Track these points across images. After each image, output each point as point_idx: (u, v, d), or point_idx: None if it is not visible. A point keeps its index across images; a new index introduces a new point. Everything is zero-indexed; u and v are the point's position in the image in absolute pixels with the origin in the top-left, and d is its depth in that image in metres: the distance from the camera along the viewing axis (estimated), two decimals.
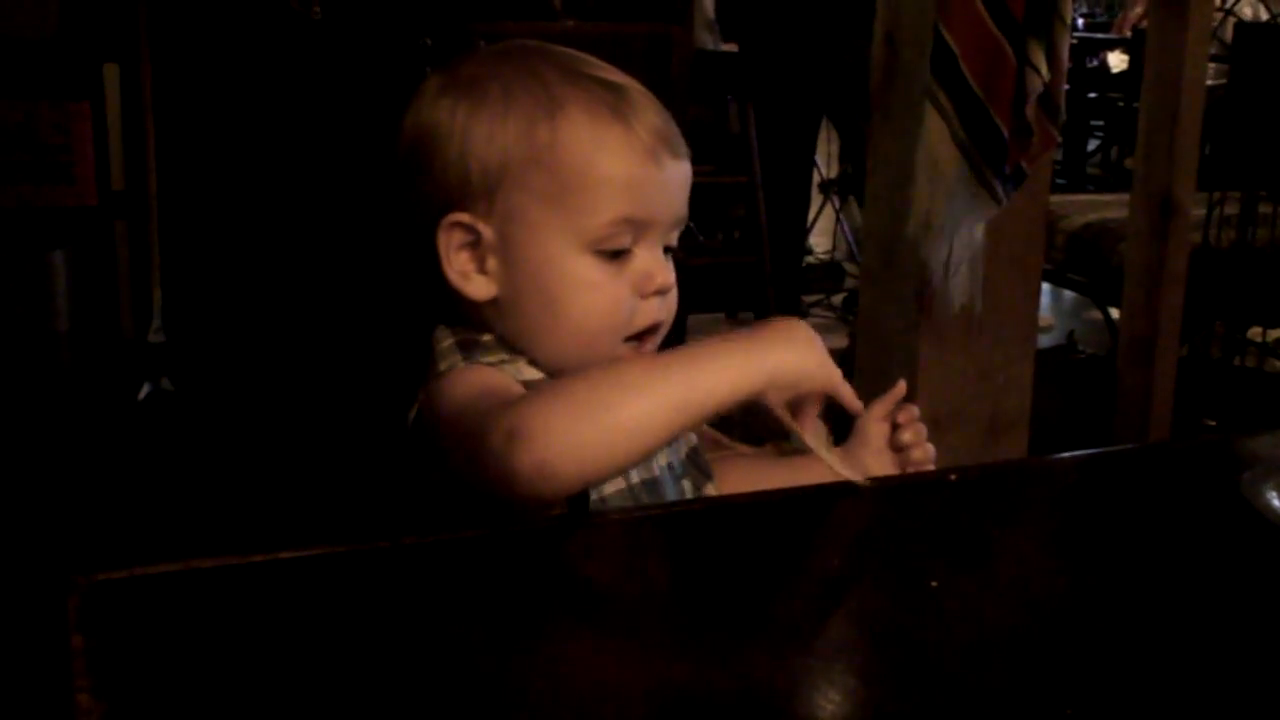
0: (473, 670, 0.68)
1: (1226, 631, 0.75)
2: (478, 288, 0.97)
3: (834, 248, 5.21)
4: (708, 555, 0.82)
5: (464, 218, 0.96)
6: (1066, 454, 1.06)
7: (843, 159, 5.21)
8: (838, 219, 5.12)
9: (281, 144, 3.53)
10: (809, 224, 4.80)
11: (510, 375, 0.94)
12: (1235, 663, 0.71)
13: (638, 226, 0.96)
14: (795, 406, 0.91)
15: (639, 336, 0.98)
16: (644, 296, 0.97)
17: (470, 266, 0.97)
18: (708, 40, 4.55)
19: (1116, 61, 6.53)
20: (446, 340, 0.98)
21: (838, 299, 4.65)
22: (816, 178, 4.85)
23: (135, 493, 2.84)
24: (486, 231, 0.96)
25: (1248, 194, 2.95)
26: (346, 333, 3.53)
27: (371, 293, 3.52)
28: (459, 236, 0.97)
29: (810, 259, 4.97)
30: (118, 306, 3.43)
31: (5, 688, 2.01)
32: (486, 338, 0.97)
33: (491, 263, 0.96)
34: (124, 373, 3.33)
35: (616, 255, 0.96)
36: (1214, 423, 2.93)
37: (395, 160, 1.01)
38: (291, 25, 3.47)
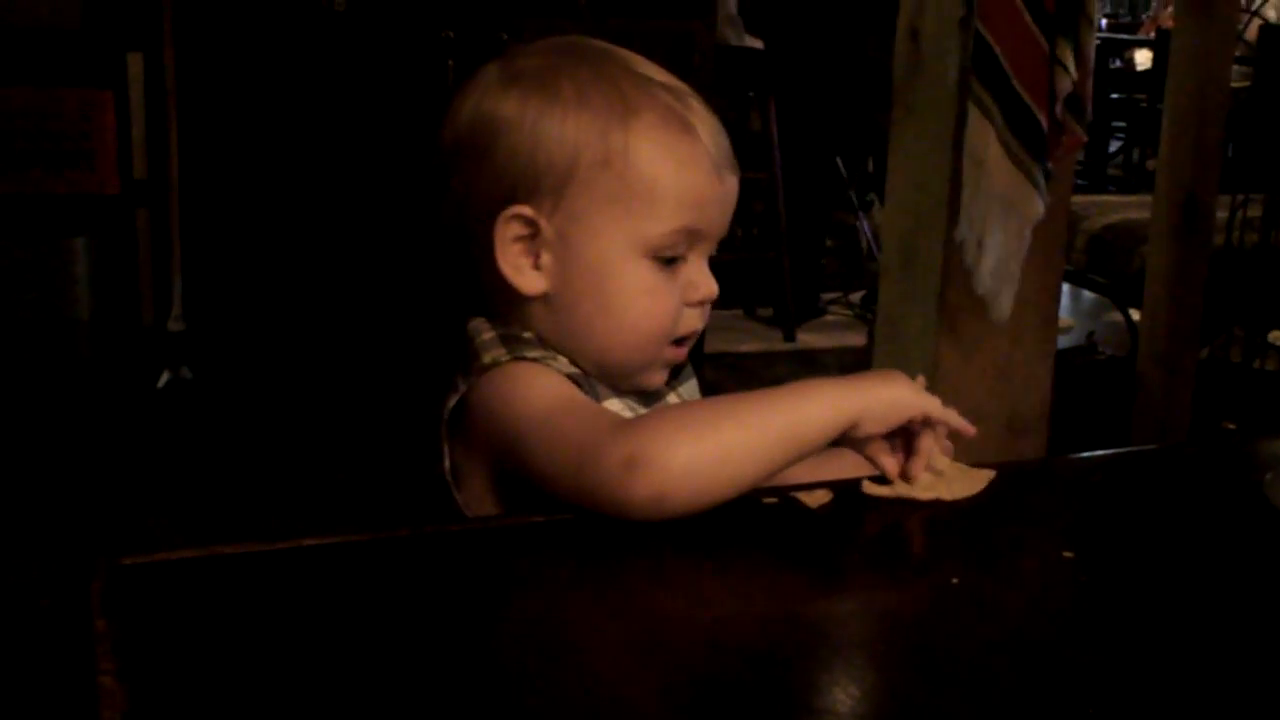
0: (492, 657, 0.68)
1: (1249, 631, 0.74)
2: (530, 282, 0.96)
3: None
4: (731, 549, 0.82)
5: (526, 211, 0.95)
6: (1088, 453, 1.06)
7: (864, 156, 5.19)
8: (858, 216, 5.11)
9: (304, 135, 3.55)
10: (829, 221, 4.79)
11: (569, 381, 0.94)
12: (1258, 662, 0.71)
13: (693, 237, 0.97)
14: (904, 444, 0.91)
15: (677, 342, 1.00)
16: (689, 305, 0.99)
17: (524, 260, 0.96)
18: (730, 36, 4.55)
19: (1143, 59, 6.50)
20: (488, 333, 0.97)
21: (856, 297, 4.64)
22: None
23: (155, 479, 2.85)
24: (546, 227, 0.95)
25: (1271, 196, 2.93)
26: (366, 322, 3.55)
27: (392, 282, 3.53)
28: (516, 229, 0.96)
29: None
30: (138, 294, 3.45)
31: (31, 670, 2.02)
32: (527, 334, 0.97)
33: (546, 259, 0.96)
34: (144, 360, 3.34)
35: (669, 262, 0.97)
36: (1233, 426, 2.92)
37: (446, 147, 0.99)
38: (315, 17, 3.49)
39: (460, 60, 3.44)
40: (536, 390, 0.91)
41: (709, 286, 0.99)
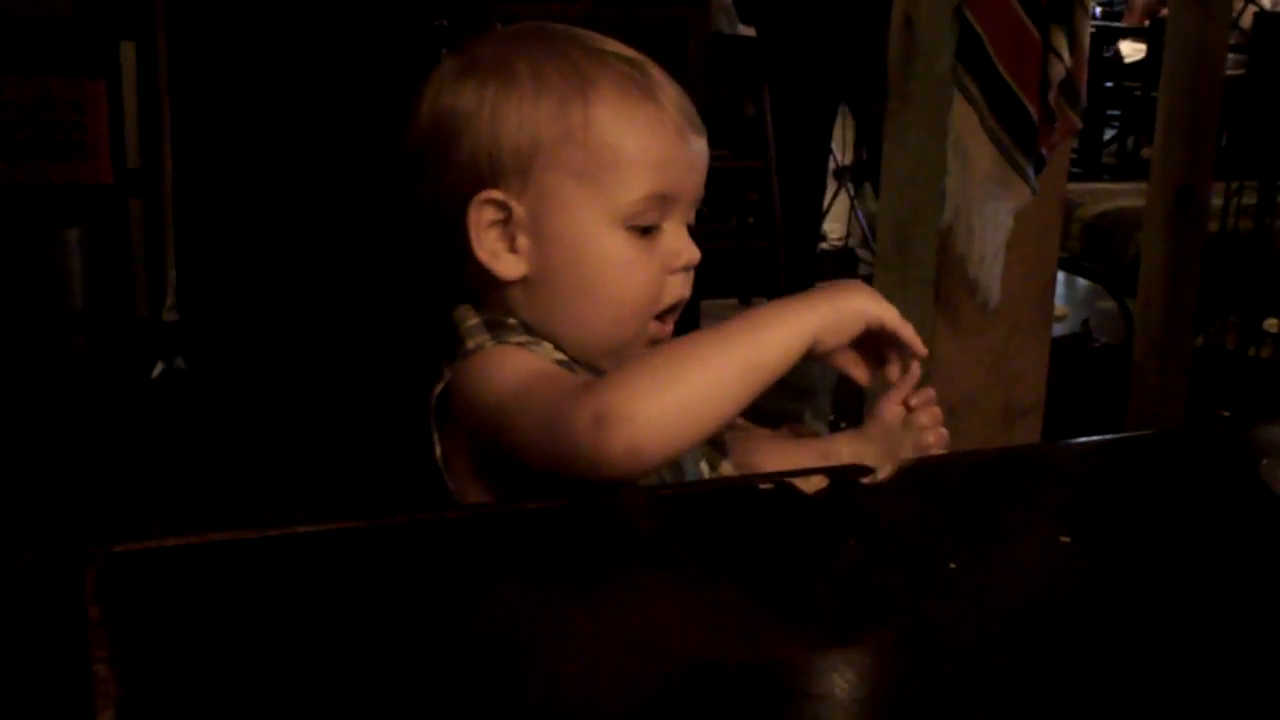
0: (489, 645, 0.68)
1: (1245, 615, 0.74)
2: (508, 266, 0.96)
3: (848, 234, 5.20)
4: (725, 534, 0.81)
5: (496, 195, 0.95)
6: (1084, 439, 1.05)
7: (858, 145, 5.20)
8: (852, 205, 5.11)
9: (297, 124, 3.53)
10: (824, 210, 4.79)
11: (547, 358, 0.94)
12: (1254, 647, 0.71)
13: (666, 202, 0.97)
14: (864, 357, 0.94)
15: (662, 315, 0.99)
16: (671, 272, 0.98)
17: (500, 245, 0.96)
18: (724, 24, 4.54)
19: (1130, 50, 6.49)
20: (472, 319, 0.97)
21: None
22: (831, 164, 4.83)
23: (150, 469, 2.84)
24: (518, 209, 0.95)
25: (1266, 183, 2.93)
26: (360, 311, 3.54)
27: (385, 272, 3.52)
28: (489, 214, 0.96)
29: (824, 245, 4.95)
30: (132, 284, 3.44)
31: (25, 657, 2.02)
32: (511, 321, 0.97)
33: (522, 241, 0.96)
34: (138, 351, 3.34)
35: (646, 232, 0.96)
36: (1228, 413, 2.92)
37: (411, 147, 1.00)
38: (307, 6, 3.47)
39: (454, 49, 3.43)
40: (509, 369, 0.91)
41: (690, 252, 0.99)
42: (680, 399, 0.82)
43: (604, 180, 0.95)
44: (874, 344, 0.93)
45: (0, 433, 2.91)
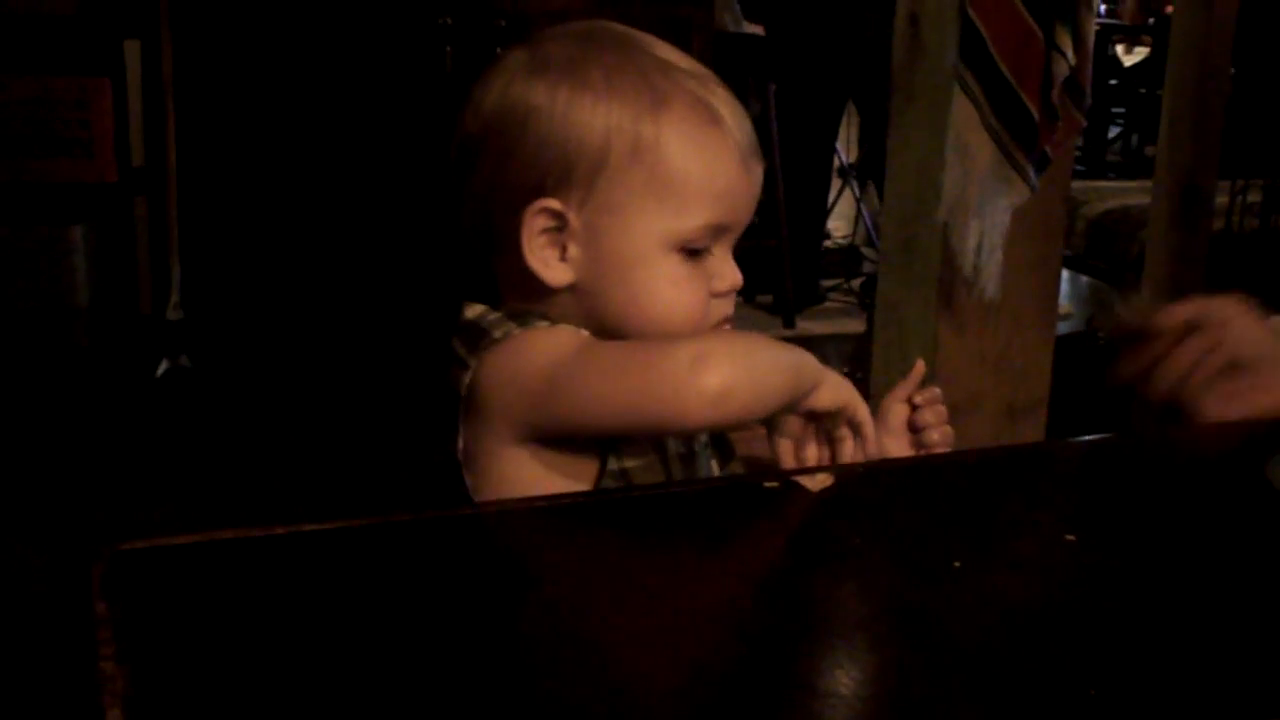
0: (494, 642, 0.68)
1: (1251, 613, 0.74)
2: (556, 274, 0.95)
3: (853, 232, 5.20)
4: (734, 532, 0.82)
5: (554, 204, 0.94)
6: (1089, 437, 1.05)
7: (862, 143, 5.19)
8: (857, 203, 5.11)
9: (301, 121, 3.53)
10: (828, 208, 4.79)
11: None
12: (1260, 644, 0.71)
13: (720, 230, 0.97)
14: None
15: None
16: (715, 295, 0.98)
17: (551, 253, 0.95)
18: (728, 22, 4.54)
19: (1124, 54, 6.48)
20: (493, 314, 0.96)
21: (856, 283, 4.63)
22: (835, 162, 4.83)
23: (155, 467, 2.85)
24: (574, 220, 0.94)
25: (1271, 181, 2.93)
26: (365, 309, 3.54)
27: (390, 269, 3.52)
28: (543, 222, 0.94)
29: (828, 243, 4.95)
30: (136, 283, 3.44)
31: (33, 655, 2.02)
32: (543, 324, 0.96)
33: (574, 251, 0.95)
34: (142, 349, 3.34)
35: (695, 254, 0.96)
36: None
37: (471, 132, 0.97)
38: (312, 3, 3.47)
39: (458, 46, 3.43)
40: (550, 342, 0.92)
41: (734, 276, 0.99)
42: (762, 366, 0.90)
43: (667, 204, 0.94)
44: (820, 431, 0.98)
45: (5, 431, 2.91)
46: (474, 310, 0.98)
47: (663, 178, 0.93)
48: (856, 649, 0.69)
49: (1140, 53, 6.45)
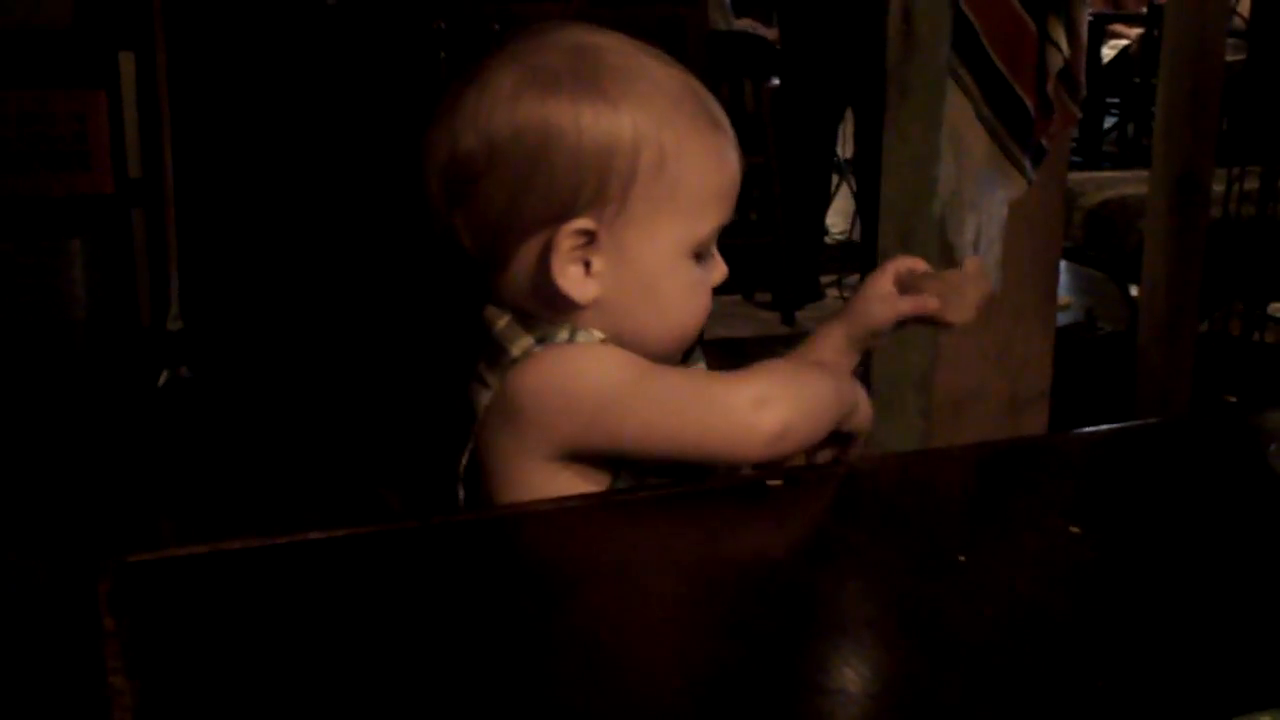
0: (498, 648, 0.68)
1: (1256, 602, 0.74)
2: (585, 291, 0.92)
3: (850, 228, 5.19)
4: (739, 530, 0.82)
5: (588, 224, 0.91)
6: (1091, 428, 1.05)
7: (857, 138, 5.18)
8: (854, 199, 5.10)
9: (297, 130, 3.54)
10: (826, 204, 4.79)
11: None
12: (1266, 633, 0.71)
13: (721, 229, 0.97)
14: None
15: None
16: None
17: (578, 270, 0.93)
18: (720, 21, 4.54)
19: (1109, 53, 6.46)
20: (501, 320, 0.95)
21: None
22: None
23: (157, 479, 2.85)
24: (603, 235, 0.92)
25: (1268, 169, 2.93)
26: (363, 317, 3.54)
27: (388, 277, 3.52)
28: (574, 241, 0.92)
29: (826, 239, 4.95)
30: (135, 294, 3.44)
31: (41, 670, 2.02)
32: (563, 334, 0.94)
33: (598, 264, 0.93)
34: (142, 360, 3.34)
35: (700, 255, 0.96)
36: (1234, 399, 2.92)
37: (473, 153, 0.92)
38: (306, 11, 3.47)
39: (452, 51, 3.43)
40: (603, 364, 0.92)
41: (722, 269, 0.99)
42: (814, 403, 0.92)
43: (689, 211, 0.93)
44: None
45: (7, 444, 2.91)
46: (487, 313, 0.96)
47: (685, 186, 0.93)
48: (864, 646, 0.69)
49: (1116, 45, 6.45)
